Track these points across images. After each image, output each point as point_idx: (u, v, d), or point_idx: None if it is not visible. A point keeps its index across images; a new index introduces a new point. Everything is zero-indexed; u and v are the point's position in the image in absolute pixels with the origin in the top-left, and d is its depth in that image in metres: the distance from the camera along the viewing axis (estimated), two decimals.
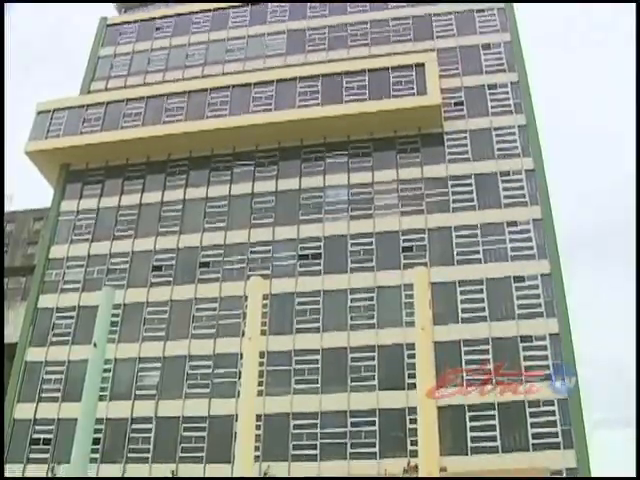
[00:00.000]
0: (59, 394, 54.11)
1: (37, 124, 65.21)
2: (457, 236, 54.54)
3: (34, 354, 56.43)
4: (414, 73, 60.25)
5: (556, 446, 46.69)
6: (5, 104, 58.71)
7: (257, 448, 41.95)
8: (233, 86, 63.41)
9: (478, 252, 53.84)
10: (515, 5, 65.57)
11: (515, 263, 53.02)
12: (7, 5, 58.71)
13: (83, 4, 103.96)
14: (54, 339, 56.83)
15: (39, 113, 65.94)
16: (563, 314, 50.62)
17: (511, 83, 60.97)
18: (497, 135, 58.73)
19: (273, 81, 62.77)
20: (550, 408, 47.95)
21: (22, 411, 54.17)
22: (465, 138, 59.04)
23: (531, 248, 53.60)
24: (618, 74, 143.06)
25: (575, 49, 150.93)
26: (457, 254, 53.84)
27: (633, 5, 45.33)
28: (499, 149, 58.09)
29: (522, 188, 56.05)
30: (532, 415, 47.84)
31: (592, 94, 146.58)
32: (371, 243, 55.23)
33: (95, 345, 38.72)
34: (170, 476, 47.65)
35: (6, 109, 58.61)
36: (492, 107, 60.06)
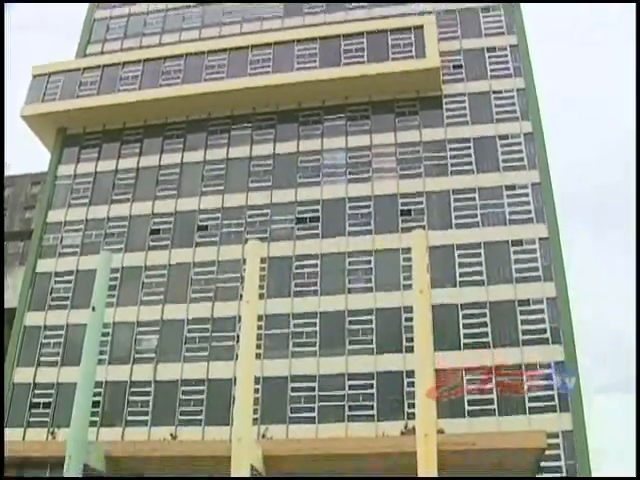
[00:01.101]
0: (58, 358, 54.20)
1: (33, 88, 64.76)
2: (455, 200, 54.44)
3: (33, 318, 56.49)
4: (413, 36, 59.81)
5: (553, 409, 46.95)
6: (5, 103, 58.66)
7: (255, 411, 42.24)
8: (230, 49, 62.98)
9: (476, 216, 53.77)
10: None
11: (513, 227, 52.98)
12: (7, 5, 58.82)
13: None
14: (53, 303, 56.85)
15: (35, 77, 65.43)
16: (561, 278, 50.68)
17: (510, 46, 60.52)
18: (496, 98, 58.42)
19: (271, 44, 62.30)
20: (547, 371, 48.04)
21: (21, 375, 54.28)
22: (464, 101, 58.73)
23: (529, 212, 53.52)
24: (619, 43, 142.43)
25: (577, 17, 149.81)
26: (455, 218, 53.77)
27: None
28: (498, 112, 57.80)
29: (521, 152, 55.87)
30: (529, 379, 47.88)
31: (592, 60, 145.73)
32: (369, 206, 55.12)
33: (94, 309, 38.88)
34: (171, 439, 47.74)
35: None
36: (491, 70, 59.69)
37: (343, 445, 40.05)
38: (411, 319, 40.14)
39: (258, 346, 41.14)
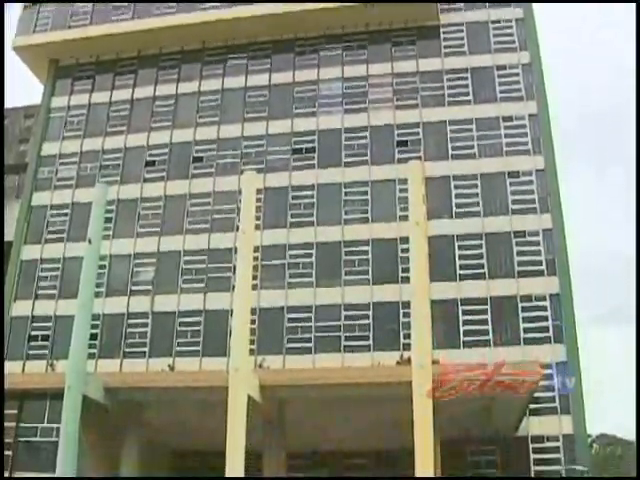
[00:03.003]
0: (55, 291, 54.44)
1: (24, 19, 63.93)
2: (452, 131, 54.18)
3: (29, 252, 56.62)
4: None
5: (547, 340, 47.34)
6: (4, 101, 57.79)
7: (252, 341, 42.60)
8: None
9: (473, 147, 53.57)
10: None
11: (510, 158, 52.81)
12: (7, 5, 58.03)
13: None
14: (49, 237, 56.93)
15: (25, 8, 64.56)
16: (557, 210, 50.73)
17: None
18: (494, 28, 57.70)
19: None
20: (542, 303, 48.44)
21: (19, 308, 54.62)
22: (462, 31, 58.02)
23: (526, 144, 53.33)
24: None
25: None
26: (452, 149, 53.58)
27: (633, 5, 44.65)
28: (496, 43, 57.14)
29: (518, 83, 55.42)
30: (524, 309, 48.33)
31: None
32: (365, 137, 54.84)
33: (90, 242, 38.71)
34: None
35: None
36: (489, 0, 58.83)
37: (339, 375, 40.30)
38: (407, 250, 39.88)
39: (254, 277, 41.10)
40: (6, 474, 39.20)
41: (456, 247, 50.35)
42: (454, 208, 51.64)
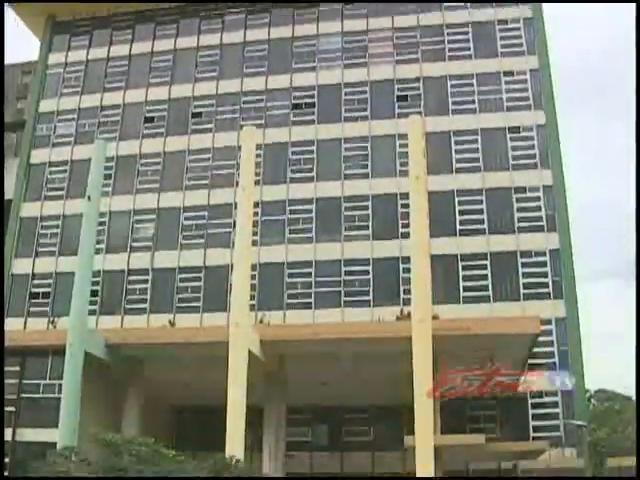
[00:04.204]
0: (56, 248, 54.46)
1: None
2: (452, 85, 53.81)
3: (29, 209, 56.58)
4: None
5: (546, 296, 47.43)
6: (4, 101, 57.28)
7: (252, 297, 42.77)
8: None
9: (473, 102, 53.25)
10: None
11: (511, 114, 52.55)
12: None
13: None
14: (48, 194, 56.83)
15: None
16: (557, 165, 50.55)
17: None
18: None
19: None
20: (542, 259, 48.44)
21: (20, 266, 54.68)
22: None
23: (527, 99, 53.02)
24: None
25: None
26: (452, 104, 53.25)
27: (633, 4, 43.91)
28: None
29: (520, 37, 54.90)
30: (524, 265, 48.35)
31: None
32: (365, 92, 54.50)
33: (89, 199, 38.63)
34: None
35: None
36: None
37: (339, 330, 40.41)
38: (407, 205, 40.02)
39: (254, 233, 41.25)
40: (9, 431, 39.42)
41: (456, 202, 50.24)
42: (454, 163, 51.47)
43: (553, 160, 50.74)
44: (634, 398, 48.32)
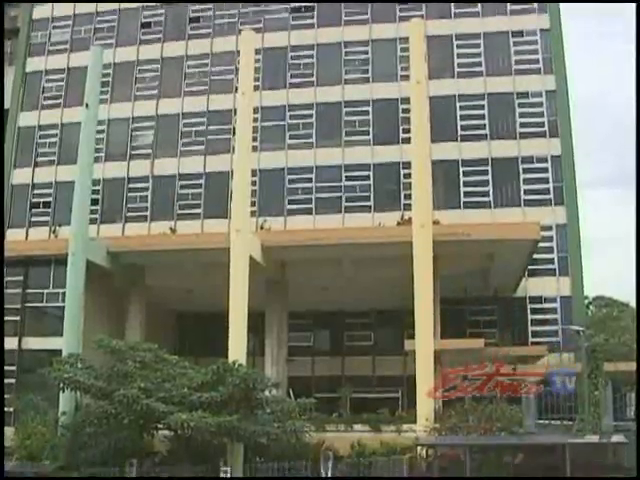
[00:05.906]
0: (55, 157, 54.12)
1: None
2: None
3: (26, 119, 55.96)
4: None
5: (547, 202, 47.33)
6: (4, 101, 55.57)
7: (253, 203, 42.76)
8: None
9: (476, 5, 52.07)
10: None
11: (514, 17, 51.56)
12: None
13: None
14: (45, 103, 56.12)
15: None
16: (560, 70, 49.81)
17: None
18: None
19: None
20: (543, 165, 48.22)
21: (20, 176, 54.37)
22: None
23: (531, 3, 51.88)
24: None
25: None
26: (455, 7, 52.12)
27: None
28: None
29: None
30: (525, 171, 48.14)
31: None
32: None
33: (87, 106, 38.42)
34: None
35: None
36: None
37: (340, 235, 40.55)
38: (408, 110, 39.79)
39: (254, 139, 40.98)
40: (15, 340, 39.90)
41: (457, 107, 49.70)
42: (456, 68, 50.73)
43: (556, 65, 49.97)
44: (632, 304, 48.65)
